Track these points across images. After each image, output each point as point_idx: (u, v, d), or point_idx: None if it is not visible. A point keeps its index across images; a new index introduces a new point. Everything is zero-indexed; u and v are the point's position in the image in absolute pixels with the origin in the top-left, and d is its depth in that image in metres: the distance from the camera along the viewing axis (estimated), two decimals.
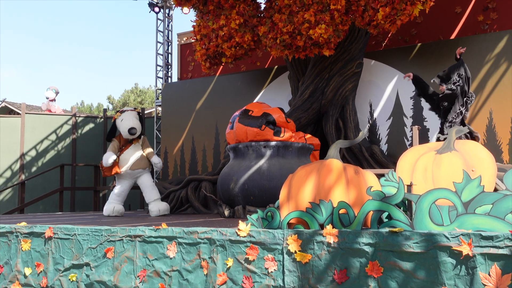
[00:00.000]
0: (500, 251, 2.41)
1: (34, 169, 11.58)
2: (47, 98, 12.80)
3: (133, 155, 6.95)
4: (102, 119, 12.31)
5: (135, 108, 7.29)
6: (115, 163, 6.87)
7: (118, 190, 7.00)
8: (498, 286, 2.38)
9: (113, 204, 6.93)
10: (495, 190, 3.73)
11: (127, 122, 6.91)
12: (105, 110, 12.77)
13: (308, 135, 6.75)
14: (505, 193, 2.72)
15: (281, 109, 6.60)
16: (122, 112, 7.10)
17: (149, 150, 7.05)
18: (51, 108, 12.71)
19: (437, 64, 7.47)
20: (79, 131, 12.13)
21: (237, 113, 6.80)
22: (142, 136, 7.10)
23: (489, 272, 2.41)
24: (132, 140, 7.01)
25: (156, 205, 6.85)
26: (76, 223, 4.38)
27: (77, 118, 12.14)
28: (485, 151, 3.56)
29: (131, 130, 6.84)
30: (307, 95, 7.62)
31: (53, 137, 11.94)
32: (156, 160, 7.02)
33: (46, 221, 5.14)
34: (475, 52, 7.22)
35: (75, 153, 11.92)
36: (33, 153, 11.67)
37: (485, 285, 2.41)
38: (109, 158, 6.77)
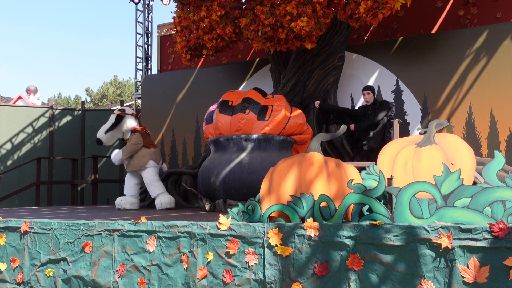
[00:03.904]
0: (479, 244, 2.44)
1: (9, 162, 11.37)
2: (27, 92, 12.59)
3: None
4: (80, 112, 12.14)
5: (120, 110, 7.23)
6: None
7: (128, 183, 7.08)
8: (476, 278, 2.42)
9: (122, 196, 7.03)
10: (474, 183, 3.79)
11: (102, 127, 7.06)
12: (83, 103, 12.59)
13: (297, 112, 6.57)
14: (484, 186, 2.76)
15: (258, 89, 6.59)
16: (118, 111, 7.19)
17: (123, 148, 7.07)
18: (27, 101, 12.48)
19: (418, 58, 7.55)
20: (56, 123, 11.94)
21: (212, 108, 6.78)
22: (134, 133, 7.06)
23: (467, 264, 2.45)
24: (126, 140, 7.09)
25: (159, 199, 6.82)
26: (53, 217, 4.32)
27: (54, 110, 11.95)
28: (465, 144, 3.61)
29: (97, 139, 7.01)
30: (289, 88, 7.62)
31: (30, 129, 11.73)
32: (113, 154, 7.12)
33: (22, 215, 5.05)
34: (455, 46, 7.31)
35: (52, 146, 11.74)
36: (8, 146, 11.45)
37: (463, 277, 2.45)
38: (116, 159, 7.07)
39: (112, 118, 7.09)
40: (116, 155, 7.08)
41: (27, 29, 64.02)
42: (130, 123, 7.11)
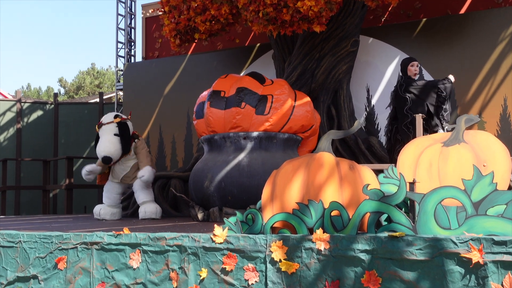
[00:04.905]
0: None
1: None
2: None
3: (123, 168, 6.95)
4: (53, 106, 12.15)
5: (116, 116, 6.97)
6: (106, 173, 7.05)
7: (108, 194, 7.04)
8: None
9: (102, 205, 6.99)
10: (510, 188, 3.79)
11: (103, 144, 6.69)
12: (55, 95, 12.61)
13: (305, 99, 6.54)
14: None
15: (254, 74, 6.55)
16: (99, 126, 6.91)
17: (142, 160, 6.94)
18: None
19: (444, 43, 7.55)
20: (25, 119, 11.95)
21: (203, 96, 6.72)
22: (134, 142, 6.98)
23: (502, 282, 2.45)
24: None
25: (143, 207, 6.83)
26: (21, 229, 4.32)
27: (22, 104, 11.95)
28: (499, 143, 3.60)
29: (104, 159, 6.67)
30: (295, 78, 7.62)
31: None
32: (141, 173, 6.77)
33: None
34: (487, 29, 7.30)
35: (20, 146, 11.75)
36: None
37: None
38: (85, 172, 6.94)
39: (112, 129, 6.77)
40: (150, 174, 6.79)
41: None
42: (131, 128, 7.05)
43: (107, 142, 6.68)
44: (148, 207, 6.80)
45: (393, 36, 7.93)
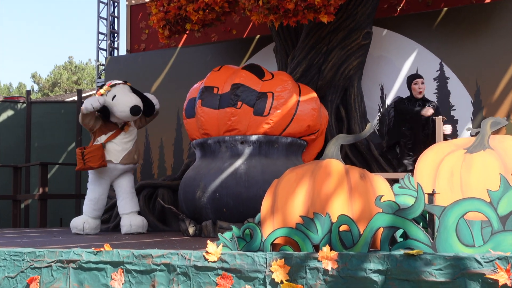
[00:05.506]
0: None
1: None
2: None
3: (124, 145, 6.89)
4: (25, 104, 12.15)
5: (125, 82, 7.18)
6: (103, 151, 6.74)
7: (93, 195, 6.91)
8: None
9: (84, 217, 6.85)
10: None
11: (125, 98, 6.78)
12: (28, 92, 12.59)
13: (311, 95, 6.57)
14: None
15: (252, 67, 6.54)
16: (112, 85, 6.99)
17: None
18: None
19: (469, 35, 7.55)
20: None
21: (194, 91, 6.70)
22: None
23: None
24: (124, 125, 6.94)
25: (128, 219, 6.78)
26: None
27: None
28: None
29: (134, 109, 6.73)
30: (299, 74, 7.63)
31: None
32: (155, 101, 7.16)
33: None
34: None
35: None
36: None
37: None
38: (93, 102, 6.64)
39: (129, 89, 7.05)
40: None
41: None
42: None
43: (131, 96, 6.83)
44: (134, 220, 6.77)
45: (410, 27, 7.94)
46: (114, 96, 6.78)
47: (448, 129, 6.55)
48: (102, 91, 6.88)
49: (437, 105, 6.82)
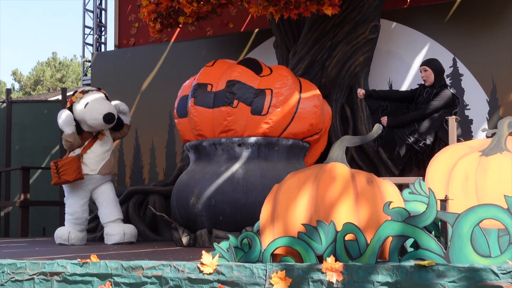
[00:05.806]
0: None
1: None
2: None
3: (102, 154, 6.94)
4: (5, 104, 12.15)
5: (99, 89, 7.28)
6: (79, 163, 6.78)
7: (73, 209, 6.95)
8: None
9: (68, 228, 6.88)
10: None
11: (98, 106, 6.84)
12: (8, 91, 12.59)
13: (314, 91, 6.59)
14: None
15: (249, 62, 6.55)
16: (84, 92, 7.05)
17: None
18: None
19: (484, 28, 7.55)
20: None
21: (186, 88, 6.70)
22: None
23: None
24: (98, 134, 6.99)
25: (118, 228, 6.78)
26: None
27: None
28: None
29: (107, 116, 6.78)
30: (301, 71, 7.64)
31: None
32: (123, 107, 7.24)
33: None
34: None
35: None
36: None
37: None
38: (69, 123, 6.74)
39: (102, 96, 7.13)
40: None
41: None
42: None
43: (104, 104, 6.89)
44: (126, 228, 6.78)
45: (421, 20, 7.94)
46: (87, 104, 6.83)
47: (360, 92, 6.82)
48: (73, 98, 6.97)
49: (453, 94, 6.53)
